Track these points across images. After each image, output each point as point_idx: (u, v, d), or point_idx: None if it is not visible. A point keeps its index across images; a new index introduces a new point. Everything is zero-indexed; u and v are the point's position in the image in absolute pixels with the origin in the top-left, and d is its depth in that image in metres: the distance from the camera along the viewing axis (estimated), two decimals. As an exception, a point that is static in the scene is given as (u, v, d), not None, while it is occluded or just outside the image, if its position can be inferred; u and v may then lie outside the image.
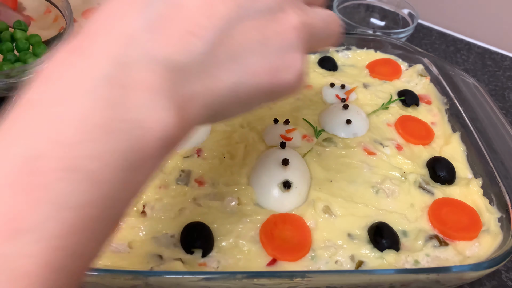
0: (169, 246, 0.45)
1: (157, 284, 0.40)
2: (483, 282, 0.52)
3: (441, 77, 0.67)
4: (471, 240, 0.47)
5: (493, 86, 0.82)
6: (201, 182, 0.51)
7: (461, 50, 0.90)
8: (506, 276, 0.52)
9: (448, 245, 0.47)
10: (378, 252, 0.46)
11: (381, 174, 0.53)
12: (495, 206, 0.51)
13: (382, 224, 0.47)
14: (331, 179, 0.52)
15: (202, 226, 0.46)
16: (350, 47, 0.73)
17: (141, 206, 0.49)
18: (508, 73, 0.85)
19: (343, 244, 0.46)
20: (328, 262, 0.45)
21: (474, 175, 0.55)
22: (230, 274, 0.39)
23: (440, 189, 0.52)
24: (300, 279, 0.40)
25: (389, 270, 0.43)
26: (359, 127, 0.58)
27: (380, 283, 0.43)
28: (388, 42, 0.73)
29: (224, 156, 0.54)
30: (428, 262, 0.45)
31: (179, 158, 0.53)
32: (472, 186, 0.52)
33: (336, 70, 0.71)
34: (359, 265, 0.45)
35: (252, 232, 0.46)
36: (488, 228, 0.49)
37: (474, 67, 0.86)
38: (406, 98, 0.64)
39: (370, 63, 0.72)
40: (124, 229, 0.46)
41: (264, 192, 0.49)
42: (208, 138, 0.56)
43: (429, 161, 0.56)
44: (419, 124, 0.61)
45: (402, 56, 0.73)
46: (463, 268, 0.42)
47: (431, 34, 0.94)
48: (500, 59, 0.88)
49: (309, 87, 0.66)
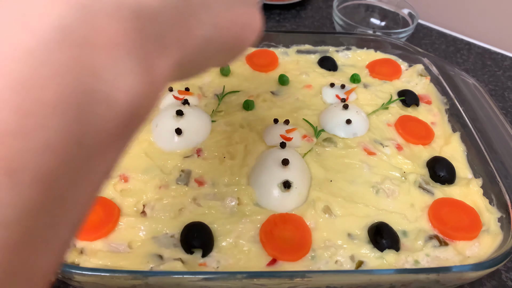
0: (169, 246, 0.45)
1: (157, 284, 0.40)
2: (483, 282, 0.52)
3: (441, 77, 0.67)
4: (471, 240, 0.47)
5: (493, 86, 0.82)
6: (201, 182, 0.51)
7: (461, 50, 0.90)
8: (506, 276, 0.52)
9: (448, 245, 0.47)
10: (378, 252, 0.46)
11: (381, 174, 0.53)
12: (495, 206, 0.51)
13: (382, 224, 0.47)
14: (331, 179, 0.52)
15: (202, 226, 0.46)
16: (350, 47, 0.73)
17: (141, 206, 0.49)
18: (508, 73, 0.85)
19: (343, 244, 0.46)
20: (328, 262, 0.45)
21: (474, 175, 0.55)
22: (230, 274, 0.39)
23: (440, 189, 0.52)
24: (300, 279, 0.40)
25: (389, 270, 0.43)
26: (359, 127, 0.58)
27: (380, 283, 0.43)
28: (388, 42, 0.73)
29: (224, 156, 0.54)
30: (428, 262, 0.45)
31: (179, 158, 0.53)
32: (472, 186, 0.52)
33: (336, 70, 0.71)
34: (359, 265, 0.45)
35: (252, 232, 0.46)
36: (488, 228, 0.49)
37: (474, 67, 0.86)
38: (406, 98, 0.64)
39: (370, 63, 0.72)
40: (124, 229, 0.46)
41: (264, 192, 0.49)
42: (208, 138, 0.56)
43: (429, 161, 0.56)
44: (419, 124, 0.61)
45: (402, 56, 0.73)
46: (463, 268, 0.42)
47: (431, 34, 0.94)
48: (500, 59, 0.88)
49: (309, 87, 0.66)
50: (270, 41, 0.72)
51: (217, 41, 0.24)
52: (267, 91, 0.65)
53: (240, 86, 0.65)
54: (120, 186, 0.50)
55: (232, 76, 0.67)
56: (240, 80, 0.67)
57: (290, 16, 0.96)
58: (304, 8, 0.99)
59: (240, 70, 0.69)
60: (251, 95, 0.64)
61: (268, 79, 0.67)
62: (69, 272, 0.39)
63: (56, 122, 0.15)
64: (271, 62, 0.70)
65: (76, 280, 0.40)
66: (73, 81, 0.16)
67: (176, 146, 0.55)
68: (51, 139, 0.15)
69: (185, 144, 0.55)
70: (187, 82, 0.65)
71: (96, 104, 0.16)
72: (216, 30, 0.23)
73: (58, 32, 0.16)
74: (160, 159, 0.53)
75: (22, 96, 0.15)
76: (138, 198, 0.49)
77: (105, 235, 0.45)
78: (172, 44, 0.20)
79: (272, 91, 0.65)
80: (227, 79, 0.66)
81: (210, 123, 0.58)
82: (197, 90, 0.64)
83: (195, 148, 0.55)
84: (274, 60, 0.70)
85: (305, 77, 0.68)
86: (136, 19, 0.18)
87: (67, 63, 0.16)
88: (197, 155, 0.54)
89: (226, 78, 0.67)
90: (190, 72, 0.24)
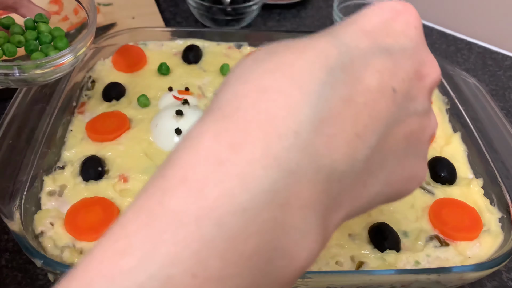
0: (169, 247, 0.45)
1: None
2: (483, 282, 0.51)
3: (441, 76, 0.67)
4: (471, 241, 0.47)
5: (494, 86, 0.82)
6: (201, 182, 0.51)
7: (461, 50, 0.90)
8: (507, 277, 0.52)
9: (449, 246, 0.47)
10: (379, 253, 0.45)
11: (382, 174, 0.53)
12: (496, 206, 0.51)
13: (382, 224, 0.47)
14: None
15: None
16: (350, 47, 0.73)
17: (141, 206, 0.48)
18: (509, 73, 0.85)
19: (343, 245, 0.46)
20: (328, 262, 0.45)
21: (475, 175, 0.55)
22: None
23: (440, 189, 0.52)
24: (300, 279, 0.40)
25: (390, 270, 0.43)
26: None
27: (381, 283, 0.42)
28: (388, 42, 0.73)
29: (224, 156, 0.54)
30: (428, 263, 0.45)
31: (179, 158, 0.53)
32: (473, 186, 0.52)
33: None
34: (359, 266, 0.45)
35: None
36: (489, 229, 0.48)
37: (474, 67, 0.86)
38: (406, 98, 0.64)
39: (370, 63, 0.72)
40: (123, 229, 0.46)
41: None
42: (208, 138, 0.56)
43: (429, 161, 0.55)
44: (419, 124, 0.61)
45: (403, 56, 0.72)
46: (463, 269, 0.42)
47: (431, 34, 0.94)
48: (501, 59, 0.88)
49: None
50: (270, 41, 0.71)
51: (384, 193, 0.24)
52: (267, 91, 0.65)
53: (240, 86, 0.65)
54: (119, 186, 0.50)
55: (232, 76, 0.67)
56: (240, 80, 0.66)
57: (290, 16, 0.96)
58: (305, 8, 0.99)
59: (240, 70, 0.68)
60: (251, 95, 0.64)
61: (268, 79, 0.67)
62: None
63: (247, 272, 0.17)
64: (271, 62, 0.69)
65: (75, 280, 0.40)
66: (269, 238, 0.18)
67: (176, 146, 0.55)
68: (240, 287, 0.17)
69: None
70: (187, 82, 0.65)
71: (279, 259, 0.18)
72: (387, 186, 0.24)
73: (269, 195, 0.17)
74: (160, 159, 0.53)
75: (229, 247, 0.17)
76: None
77: (105, 235, 0.45)
78: (347, 201, 0.21)
79: (272, 91, 0.65)
80: (227, 79, 0.66)
81: (210, 123, 0.58)
82: (197, 90, 0.64)
83: (195, 148, 0.55)
84: (274, 60, 0.70)
85: (305, 77, 0.68)
86: (326, 182, 0.19)
87: (269, 222, 0.17)
88: (197, 155, 0.54)
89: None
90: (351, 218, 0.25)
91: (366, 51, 0.22)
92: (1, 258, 0.49)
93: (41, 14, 0.51)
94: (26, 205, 0.45)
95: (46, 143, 0.52)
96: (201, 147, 0.18)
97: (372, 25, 0.24)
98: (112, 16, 0.83)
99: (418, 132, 0.25)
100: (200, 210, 0.17)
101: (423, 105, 0.25)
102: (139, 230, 0.17)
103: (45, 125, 0.53)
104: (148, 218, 0.17)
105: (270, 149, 0.18)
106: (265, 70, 0.20)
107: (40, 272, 0.48)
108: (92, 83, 0.64)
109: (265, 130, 0.18)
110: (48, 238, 0.45)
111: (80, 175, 0.51)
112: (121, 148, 0.54)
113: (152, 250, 0.16)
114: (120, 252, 0.17)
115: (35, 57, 0.48)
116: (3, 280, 0.47)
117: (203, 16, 0.85)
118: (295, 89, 0.19)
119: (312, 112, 0.19)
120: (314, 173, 0.19)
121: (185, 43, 0.70)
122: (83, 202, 0.48)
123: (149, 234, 0.17)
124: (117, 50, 0.67)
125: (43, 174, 0.50)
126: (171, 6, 0.94)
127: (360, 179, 0.22)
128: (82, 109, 0.59)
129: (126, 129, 0.56)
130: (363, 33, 0.23)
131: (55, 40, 0.50)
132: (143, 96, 0.60)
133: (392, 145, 0.23)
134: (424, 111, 0.25)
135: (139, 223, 0.17)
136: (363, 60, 0.22)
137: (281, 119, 0.19)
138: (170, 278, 0.16)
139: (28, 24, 0.50)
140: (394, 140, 0.23)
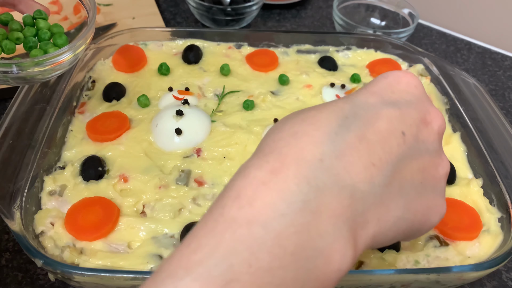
0: (169, 246, 0.45)
1: (157, 284, 0.40)
2: (483, 282, 0.51)
3: (441, 77, 0.67)
4: (471, 240, 0.47)
5: (494, 86, 0.82)
6: (200, 182, 0.51)
7: (461, 50, 0.90)
8: (506, 277, 0.52)
9: (449, 245, 0.47)
10: (378, 252, 0.45)
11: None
12: (496, 206, 0.51)
13: (382, 224, 0.47)
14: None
15: (202, 226, 0.46)
16: (350, 47, 0.73)
17: (141, 206, 0.49)
18: (508, 73, 0.85)
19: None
20: (328, 262, 0.45)
21: (474, 175, 0.55)
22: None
23: (440, 189, 0.52)
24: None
25: (389, 270, 0.43)
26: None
27: (380, 283, 0.42)
28: (388, 42, 0.73)
29: (224, 156, 0.54)
30: (428, 262, 0.45)
31: (179, 158, 0.53)
32: (472, 186, 0.52)
33: (336, 70, 0.71)
34: (359, 265, 0.45)
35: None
36: (488, 228, 0.48)
37: (474, 67, 0.86)
38: (406, 98, 0.64)
39: (370, 63, 0.72)
40: (123, 229, 0.46)
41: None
42: (208, 138, 0.56)
43: (429, 161, 0.55)
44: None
45: (402, 56, 0.72)
46: (463, 269, 0.42)
47: (431, 34, 0.94)
48: (501, 59, 0.88)
49: (309, 87, 0.66)
50: (270, 41, 0.72)
51: (407, 220, 0.29)
52: (267, 91, 0.65)
53: (240, 86, 0.65)
54: (119, 186, 0.50)
55: (232, 76, 0.67)
56: (240, 80, 0.66)
57: (290, 15, 0.96)
58: (304, 8, 0.99)
59: (240, 70, 0.69)
60: (251, 95, 0.64)
61: (268, 79, 0.67)
62: (68, 272, 0.39)
63: (292, 266, 0.22)
64: (271, 62, 0.69)
65: (75, 280, 0.40)
66: (306, 238, 0.23)
67: (176, 146, 0.55)
68: (286, 278, 0.22)
69: (185, 144, 0.55)
70: (187, 82, 0.65)
71: (316, 258, 0.23)
72: (408, 213, 0.29)
73: (302, 203, 0.23)
74: (160, 159, 0.53)
75: (274, 243, 0.22)
76: (138, 198, 0.49)
77: (105, 235, 0.45)
78: (372, 220, 0.26)
79: (272, 91, 0.65)
80: (227, 79, 0.66)
81: (210, 123, 0.58)
82: (197, 90, 0.64)
83: (195, 148, 0.55)
84: (274, 60, 0.70)
85: (305, 77, 0.68)
86: (350, 198, 0.25)
87: (304, 225, 0.23)
88: (197, 155, 0.54)
89: (226, 78, 0.67)
90: (380, 244, 0.29)
91: (375, 104, 0.28)
92: (2, 258, 0.49)
93: (40, 11, 0.50)
94: (26, 205, 0.46)
95: (47, 143, 0.52)
96: (248, 175, 0.24)
97: (378, 87, 0.30)
98: (112, 16, 0.83)
99: (432, 168, 0.30)
100: (250, 217, 0.22)
101: (433, 146, 0.30)
102: (206, 234, 0.23)
103: (46, 125, 0.53)
104: (213, 225, 0.23)
105: (301, 171, 0.24)
106: (294, 122, 0.27)
107: (40, 271, 0.48)
108: (92, 83, 0.64)
109: (296, 159, 0.25)
110: (48, 238, 0.45)
111: (80, 175, 0.51)
112: (121, 148, 0.54)
113: (217, 246, 0.22)
114: (193, 250, 0.22)
115: (34, 54, 0.48)
116: (4, 279, 0.47)
117: (203, 16, 0.85)
118: (318, 131, 0.26)
119: (333, 145, 0.25)
120: (338, 190, 0.24)
121: (185, 43, 0.70)
122: (83, 202, 0.48)
123: (214, 235, 0.22)
124: (117, 50, 0.67)
125: (44, 174, 0.50)
126: (171, 6, 0.94)
127: (383, 202, 0.26)
128: (83, 109, 0.60)
129: (126, 129, 0.56)
130: (370, 93, 0.30)
131: (54, 37, 0.50)
132: (143, 96, 0.60)
133: (408, 177, 0.28)
134: (435, 151, 0.30)
135: (205, 230, 0.23)
136: (373, 110, 0.28)
137: (308, 151, 0.25)
138: (231, 266, 0.21)
139: (26, 21, 0.50)
140: (410, 173, 0.28)
